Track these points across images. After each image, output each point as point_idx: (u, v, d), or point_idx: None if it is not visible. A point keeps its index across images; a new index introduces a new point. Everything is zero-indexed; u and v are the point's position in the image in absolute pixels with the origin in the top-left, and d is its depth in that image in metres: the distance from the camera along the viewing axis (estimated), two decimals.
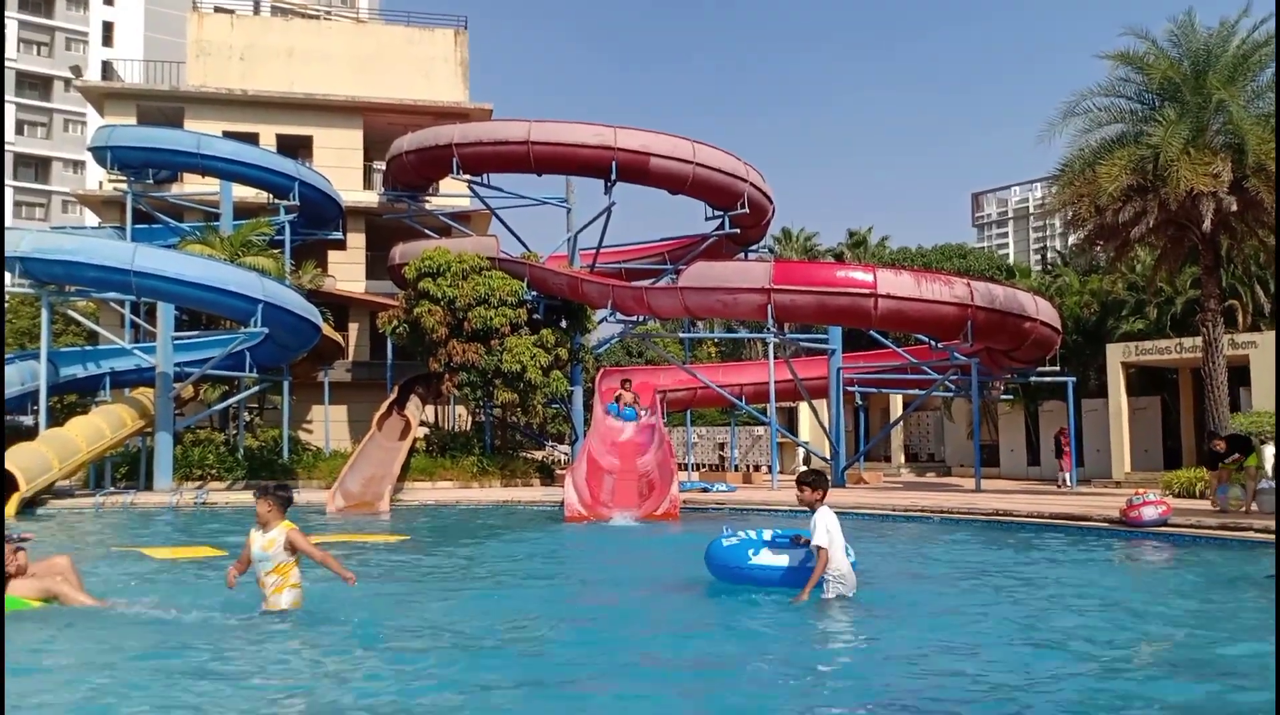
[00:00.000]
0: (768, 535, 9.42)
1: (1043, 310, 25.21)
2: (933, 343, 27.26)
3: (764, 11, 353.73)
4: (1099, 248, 23.99)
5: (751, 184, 31.91)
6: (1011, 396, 32.98)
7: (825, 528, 8.27)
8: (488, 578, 11.55)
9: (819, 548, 8.24)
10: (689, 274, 26.00)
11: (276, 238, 32.31)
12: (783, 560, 8.98)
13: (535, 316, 29.09)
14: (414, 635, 7.73)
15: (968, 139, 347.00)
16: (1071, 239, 31.95)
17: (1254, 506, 16.12)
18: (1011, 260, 68.99)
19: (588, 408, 29.56)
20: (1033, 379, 28.83)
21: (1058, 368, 28.33)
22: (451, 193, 35.72)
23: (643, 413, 24.82)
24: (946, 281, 24.48)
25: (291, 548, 7.84)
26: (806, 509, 8.56)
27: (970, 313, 23.82)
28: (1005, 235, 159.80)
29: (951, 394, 31.98)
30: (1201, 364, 21.88)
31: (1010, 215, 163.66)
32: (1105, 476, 28.61)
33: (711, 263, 28.33)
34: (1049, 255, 56.47)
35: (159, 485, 25.17)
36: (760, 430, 38.06)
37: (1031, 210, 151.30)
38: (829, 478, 8.81)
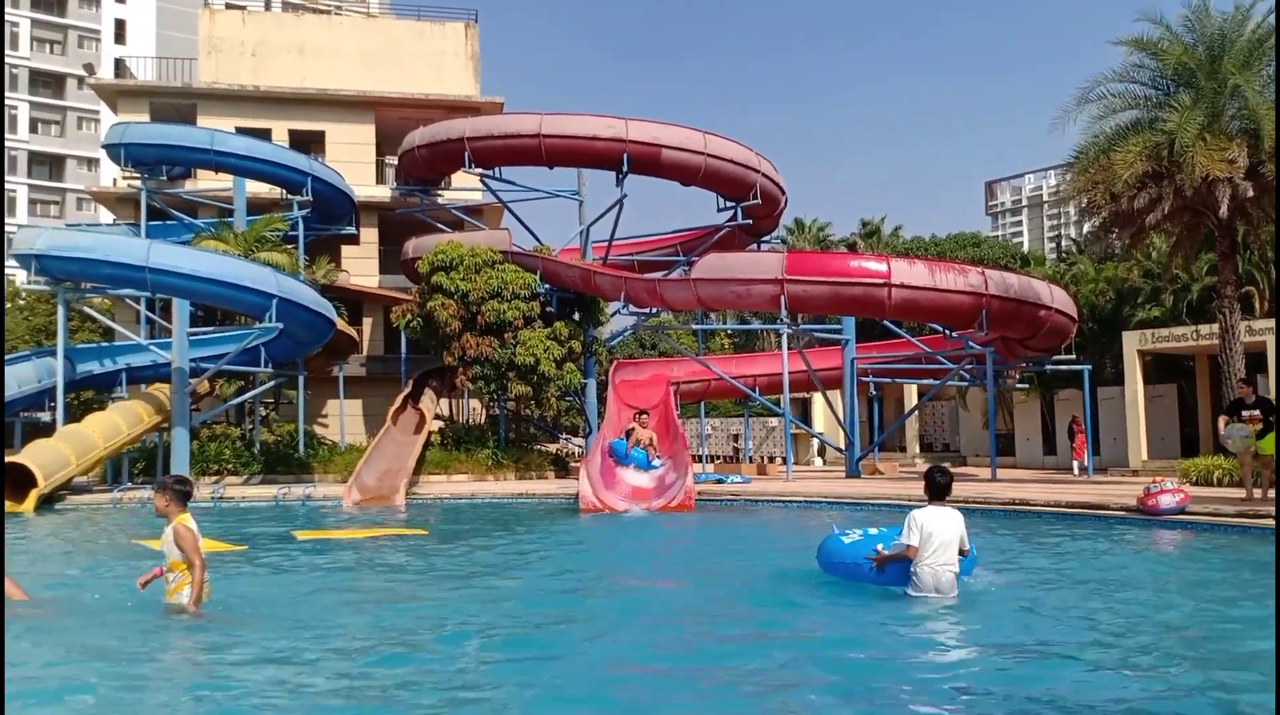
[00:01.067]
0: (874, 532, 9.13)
1: (1058, 298, 25.08)
2: (947, 332, 27.16)
3: (774, 1, 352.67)
4: (1114, 235, 23.83)
5: (763, 174, 31.80)
6: (1027, 385, 32.83)
7: (908, 527, 8.20)
8: (492, 572, 11.56)
9: (907, 546, 8.22)
10: (702, 265, 25.96)
11: (290, 233, 32.40)
12: None
13: (548, 309, 29.10)
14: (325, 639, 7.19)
15: (981, 127, 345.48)
16: (1086, 227, 31.74)
17: (1270, 494, 15.96)
18: (1026, 249, 68.66)
19: (601, 400, 29.58)
20: (1048, 367, 28.70)
21: (1073, 356, 28.20)
22: (464, 186, 35.72)
23: (657, 459, 21.16)
24: (961, 270, 24.37)
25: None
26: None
27: (985, 301, 23.71)
28: (1019, 223, 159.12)
29: (966, 383, 31.87)
30: (1218, 351, 21.73)
31: (1024, 203, 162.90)
32: (1122, 465, 28.47)
33: (724, 254, 28.28)
34: (1064, 243, 56.21)
35: None
36: (774, 422, 38.01)
37: (1046, 198, 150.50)
38: (939, 477, 8.42)
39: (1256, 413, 16.01)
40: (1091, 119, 22.02)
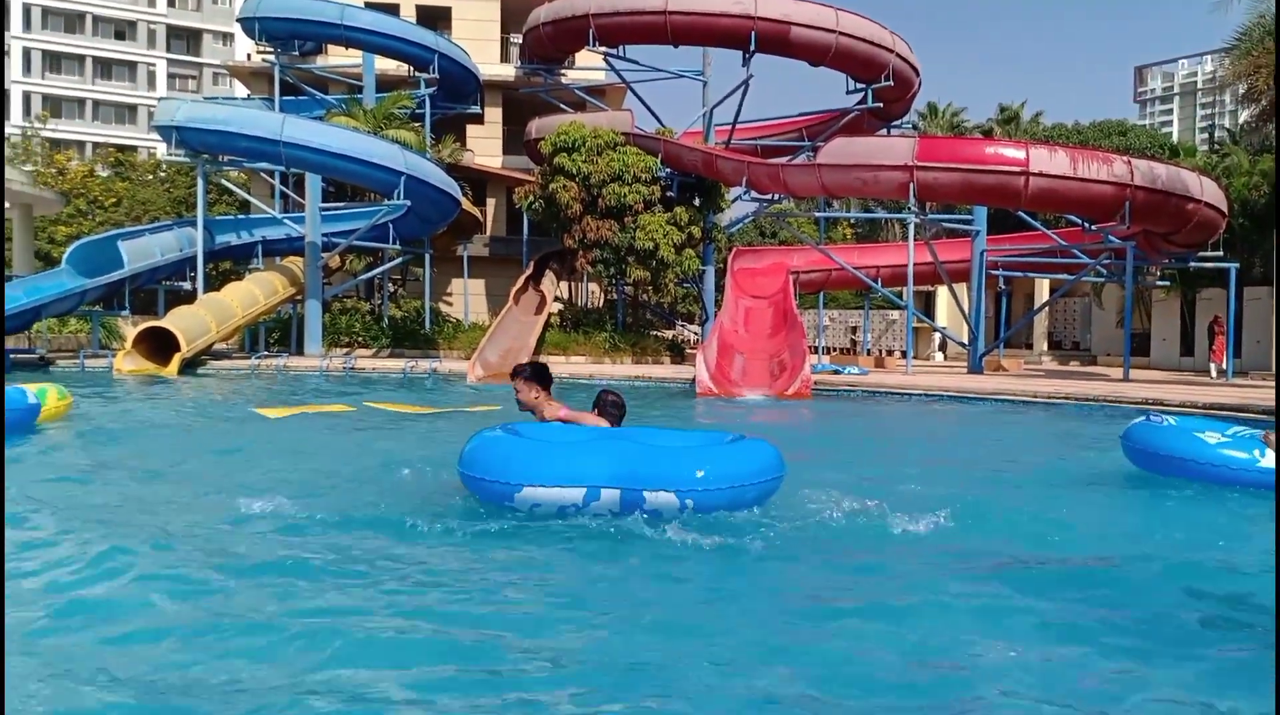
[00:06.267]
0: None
1: (1208, 191, 23.67)
2: (1086, 225, 25.99)
3: None
4: (1274, 124, 22.26)
5: (897, 55, 30.52)
6: (1168, 283, 31.38)
7: None
8: None
9: None
10: (828, 150, 25.24)
11: (417, 111, 32.65)
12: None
13: (669, 194, 28.83)
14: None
15: (1132, 7, 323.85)
16: (1243, 115, 29.68)
17: None
18: (1176, 138, 64.80)
19: (719, 288, 29.41)
20: (1193, 265, 27.30)
21: (1220, 253, 26.71)
22: (587, 65, 35.31)
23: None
24: (1104, 159, 23.15)
25: None
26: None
27: (1129, 193, 22.54)
28: (1170, 112, 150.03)
29: (1103, 279, 30.60)
30: None
31: (1176, 91, 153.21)
32: (1265, 369, 27.17)
33: (852, 139, 27.38)
34: (1217, 133, 52.81)
35: (309, 351, 26.32)
36: (894, 314, 37.30)
37: (1200, 85, 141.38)
38: None
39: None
40: None
